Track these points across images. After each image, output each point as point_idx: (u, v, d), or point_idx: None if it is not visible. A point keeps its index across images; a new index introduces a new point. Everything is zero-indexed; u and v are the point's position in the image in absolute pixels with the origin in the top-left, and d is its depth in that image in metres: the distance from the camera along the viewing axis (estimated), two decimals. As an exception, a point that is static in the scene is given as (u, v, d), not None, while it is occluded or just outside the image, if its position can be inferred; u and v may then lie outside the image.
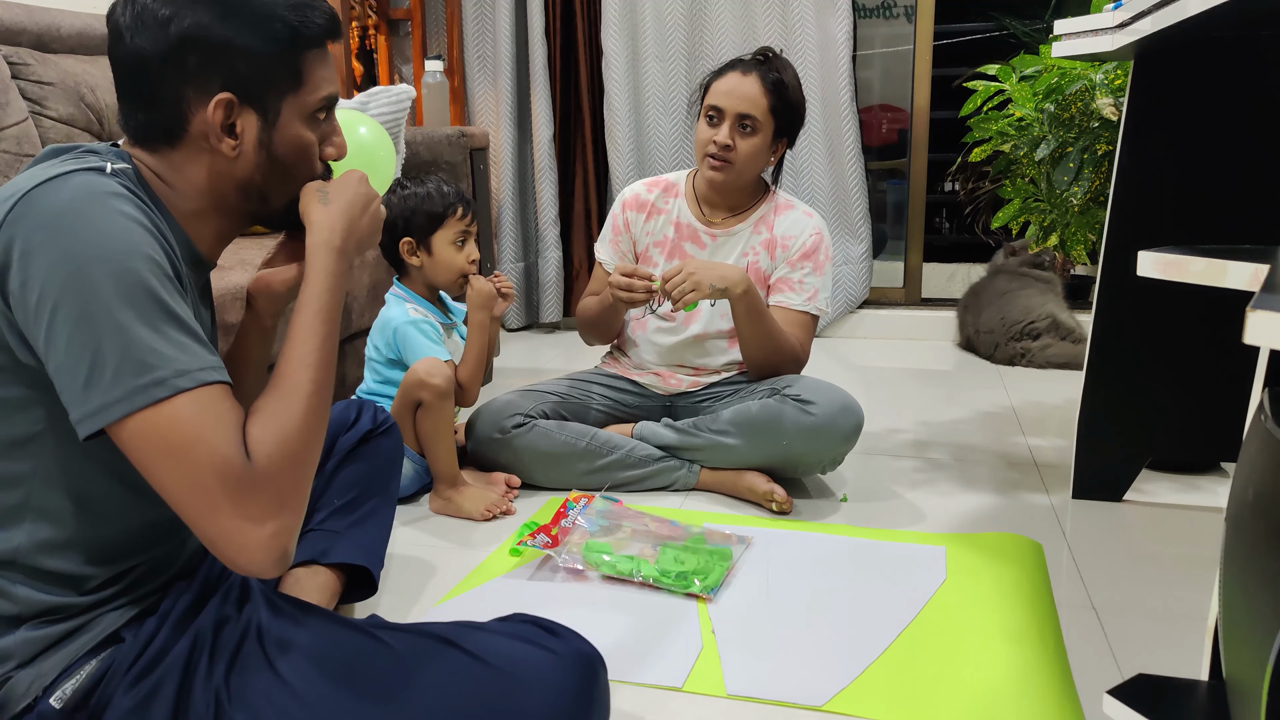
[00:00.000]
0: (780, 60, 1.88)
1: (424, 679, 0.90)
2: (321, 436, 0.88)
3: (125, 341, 0.77)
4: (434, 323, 1.88)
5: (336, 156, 0.98)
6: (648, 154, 3.30)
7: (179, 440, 0.78)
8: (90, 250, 0.78)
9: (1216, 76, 1.63)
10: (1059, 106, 1.94)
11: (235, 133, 0.90)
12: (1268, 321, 0.64)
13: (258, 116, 0.90)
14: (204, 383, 0.80)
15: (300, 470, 0.84)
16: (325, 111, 0.96)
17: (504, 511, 1.79)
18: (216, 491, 0.78)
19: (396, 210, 1.86)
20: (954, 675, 1.24)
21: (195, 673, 0.90)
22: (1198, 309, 1.59)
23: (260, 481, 0.80)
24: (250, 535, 0.80)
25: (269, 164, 0.92)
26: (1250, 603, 0.64)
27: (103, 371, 0.77)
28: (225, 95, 0.88)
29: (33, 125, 1.95)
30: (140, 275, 0.79)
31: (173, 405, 0.78)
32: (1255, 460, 0.68)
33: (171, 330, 0.80)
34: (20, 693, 0.85)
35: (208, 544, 0.80)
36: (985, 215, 3.43)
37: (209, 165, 0.91)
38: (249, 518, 0.80)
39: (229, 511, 0.79)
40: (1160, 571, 1.53)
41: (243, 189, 0.93)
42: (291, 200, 0.97)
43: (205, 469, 0.78)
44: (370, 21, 3.41)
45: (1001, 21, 3.80)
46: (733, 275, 1.76)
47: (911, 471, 2.01)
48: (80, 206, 0.79)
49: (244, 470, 0.80)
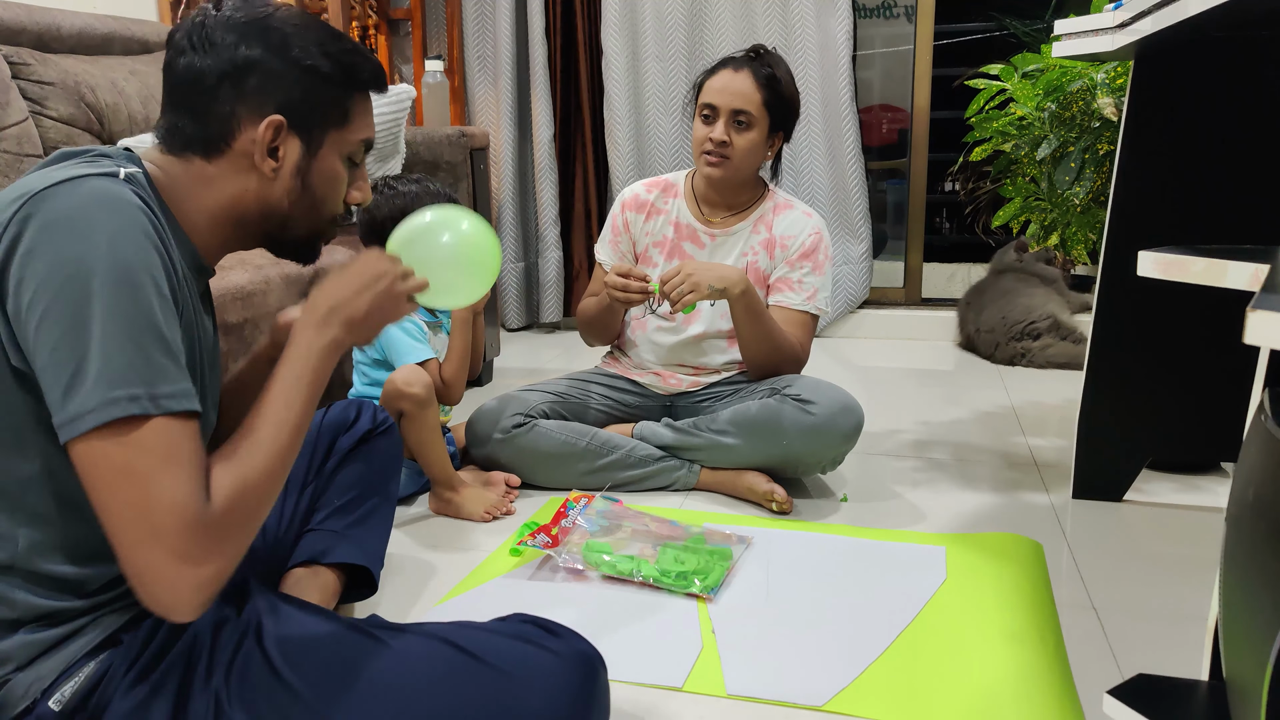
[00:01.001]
0: (772, 56, 1.88)
1: (424, 679, 0.90)
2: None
3: (109, 355, 0.77)
4: (417, 320, 1.87)
5: (360, 200, 1.02)
6: (648, 154, 3.30)
7: (141, 463, 0.77)
8: (92, 259, 0.78)
9: (1216, 76, 1.63)
10: (1060, 106, 1.94)
11: (278, 155, 0.93)
12: (1268, 321, 0.64)
13: (301, 144, 0.94)
14: (175, 411, 0.79)
15: (249, 523, 0.84)
16: (360, 155, 1.00)
17: (504, 512, 1.79)
18: (164, 524, 0.77)
19: (384, 211, 1.87)
20: (954, 675, 1.24)
21: (195, 674, 0.90)
22: (1198, 309, 1.59)
23: (210, 525, 0.79)
24: (183, 576, 0.78)
25: (301, 191, 0.96)
26: (1250, 603, 0.64)
27: (84, 380, 0.76)
28: (277, 117, 0.92)
29: (33, 125, 1.95)
30: (138, 292, 0.79)
31: (143, 426, 0.77)
32: (1255, 460, 0.67)
33: (157, 353, 0.79)
34: (19, 695, 0.85)
35: (132, 575, 0.79)
36: (985, 215, 3.43)
37: (242, 182, 0.94)
38: (186, 558, 0.78)
39: (168, 547, 0.77)
40: (1160, 571, 1.53)
41: (267, 211, 0.96)
42: (311, 232, 1.00)
43: (160, 499, 0.77)
44: (370, 21, 3.41)
45: (1002, 21, 3.80)
46: (731, 275, 1.76)
47: (911, 471, 2.01)
48: (89, 213, 0.79)
49: (199, 510, 0.79)
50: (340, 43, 0.96)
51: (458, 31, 3.39)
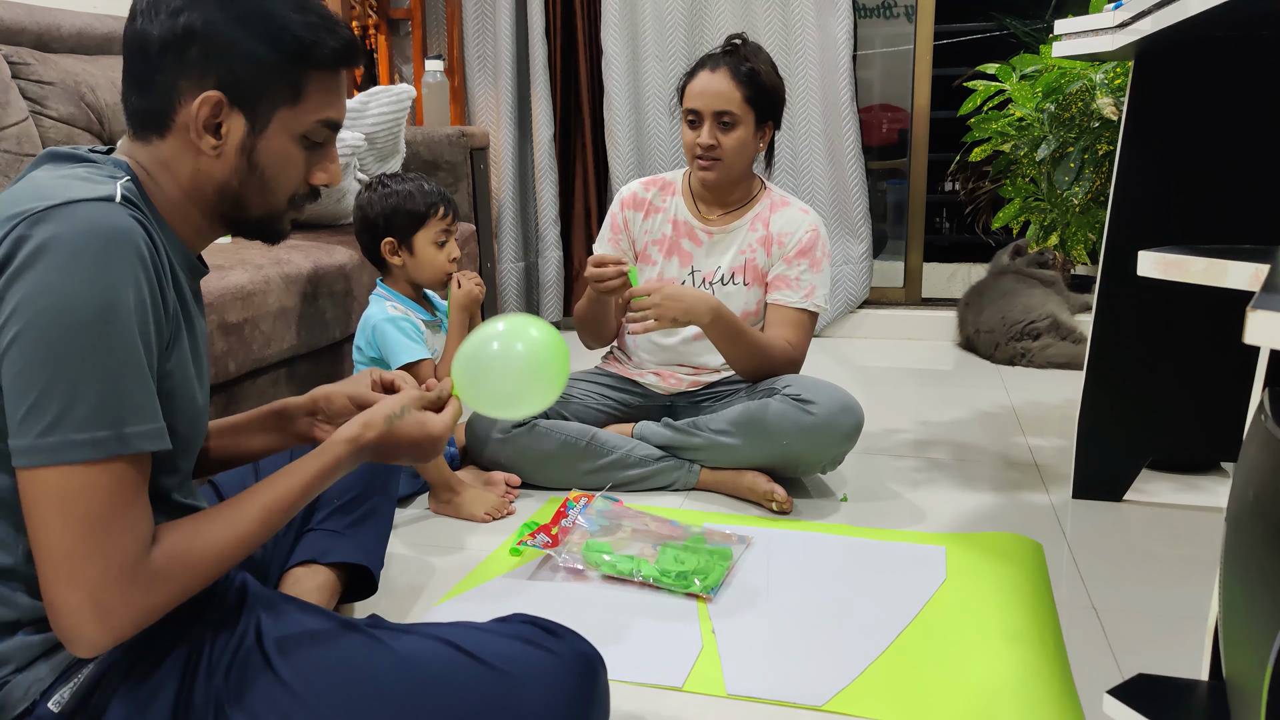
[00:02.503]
0: (750, 46, 1.87)
1: (423, 679, 0.90)
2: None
3: (79, 395, 0.75)
4: (414, 320, 1.87)
5: (327, 182, 0.97)
6: (648, 154, 3.30)
7: (83, 508, 0.76)
8: (80, 296, 0.76)
9: (1216, 76, 1.63)
10: (1059, 106, 1.94)
11: (220, 132, 0.89)
12: (1268, 321, 0.64)
13: (246, 121, 0.89)
14: (137, 450, 0.79)
15: (177, 592, 0.82)
16: (324, 135, 0.94)
17: (505, 512, 1.79)
18: (88, 573, 0.76)
19: (377, 209, 1.86)
20: (954, 675, 1.24)
21: (194, 675, 0.89)
22: (1198, 309, 1.59)
23: (139, 577, 0.78)
24: (97, 622, 0.77)
25: (248, 170, 0.91)
26: (1250, 603, 0.64)
27: (43, 414, 0.75)
28: (214, 93, 0.87)
29: (33, 125, 1.95)
30: (121, 328, 0.77)
31: (96, 468, 0.76)
32: (1255, 460, 0.67)
33: (133, 388, 0.78)
34: (18, 697, 0.84)
35: (49, 603, 0.78)
36: (985, 215, 3.43)
37: (193, 161, 0.90)
38: (101, 606, 0.77)
39: (88, 593, 0.76)
40: (1160, 571, 1.53)
41: (221, 191, 0.92)
42: (267, 213, 0.95)
43: (93, 546, 0.76)
44: (370, 21, 3.41)
45: (1001, 21, 3.80)
46: (699, 308, 1.75)
47: (911, 471, 2.01)
48: (84, 244, 0.77)
49: (136, 562, 0.78)
50: (304, 14, 0.89)
51: (458, 31, 3.39)
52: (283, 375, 1.96)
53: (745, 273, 1.94)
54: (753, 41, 1.89)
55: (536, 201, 3.40)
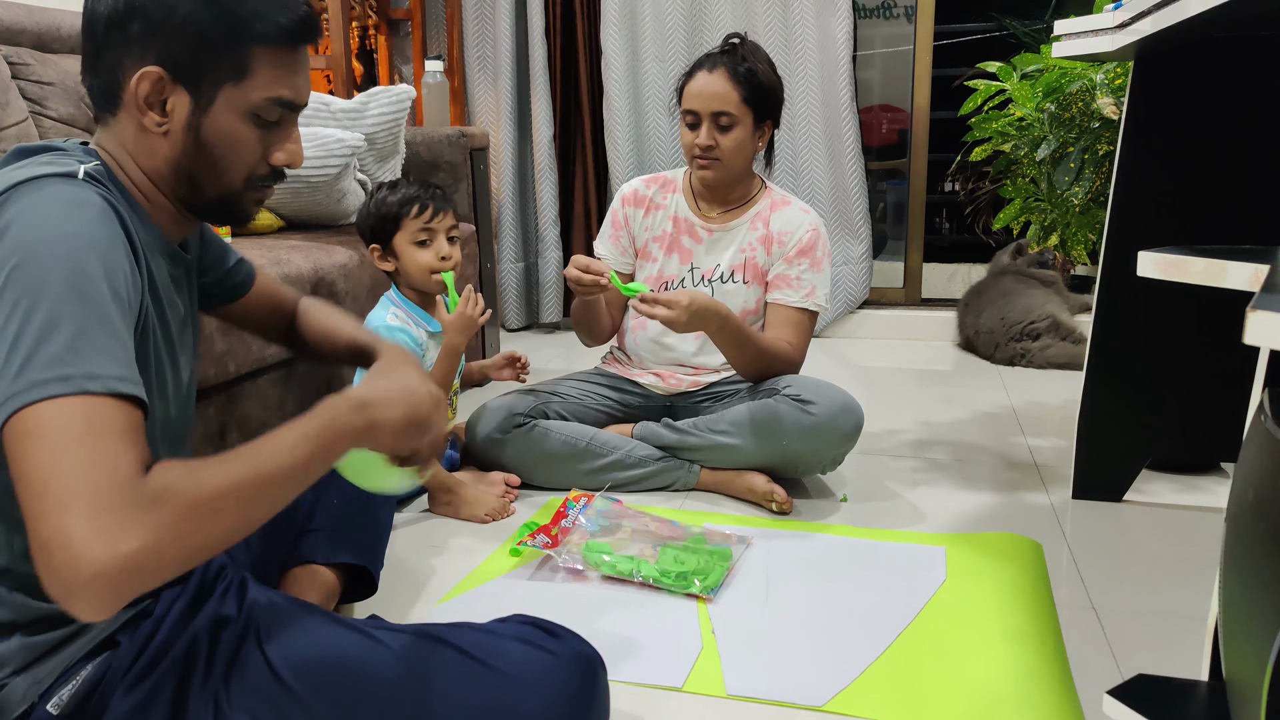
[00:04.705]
0: (747, 45, 1.86)
1: (423, 680, 0.90)
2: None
3: (46, 336, 0.73)
4: (411, 332, 1.85)
5: (286, 163, 0.94)
6: (647, 154, 3.30)
7: (61, 435, 0.71)
8: (46, 241, 0.76)
9: (1216, 76, 1.63)
10: (1060, 106, 1.94)
11: (165, 110, 0.88)
12: (1268, 321, 0.64)
13: (190, 98, 0.88)
14: (114, 392, 0.74)
15: (176, 523, 0.72)
16: (277, 114, 0.92)
17: (504, 513, 1.78)
18: (77, 489, 0.69)
19: (361, 218, 1.88)
20: (954, 675, 1.24)
21: (193, 675, 0.89)
22: (1198, 309, 1.59)
23: (141, 501, 0.71)
24: (90, 550, 0.67)
25: (196, 148, 0.89)
26: (1250, 603, 0.64)
27: (14, 360, 0.72)
28: (154, 69, 0.86)
29: (33, 125, 1.95)
30: (84, 280, 0.76)
31: (71, 403, 0.72)
32: (1255, 460, 0.67)
33: (100, 335, 0.75)
34: (17, 699, 0.84)
35: (43, 544, 0.69)
36: (985, 215, 3.43)
37: (144, 140, 0.89)
38: (100, 530, 0.68)
39: (88, 509, 0.68)
40: (1160, 571, 1.53)
41: (174, 170, 0.91)
42: (222, 193, 0.93)
43: (79, 464, 0.70)
44: (370, 21, 3.41)
45: (1001, 21, 3.80)
46: (708, 319, 1.74)
47: (911, 471, 2.01)
48: (45, 206, 0.78)
49: (128, 481, 0.71)
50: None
51: (458, 31, 3.39)
52: (283, 376, 1.96)
53: (745, 271, 1.94)
54: (751, 40, 1.89)
55: (536, 202, 3.40)
